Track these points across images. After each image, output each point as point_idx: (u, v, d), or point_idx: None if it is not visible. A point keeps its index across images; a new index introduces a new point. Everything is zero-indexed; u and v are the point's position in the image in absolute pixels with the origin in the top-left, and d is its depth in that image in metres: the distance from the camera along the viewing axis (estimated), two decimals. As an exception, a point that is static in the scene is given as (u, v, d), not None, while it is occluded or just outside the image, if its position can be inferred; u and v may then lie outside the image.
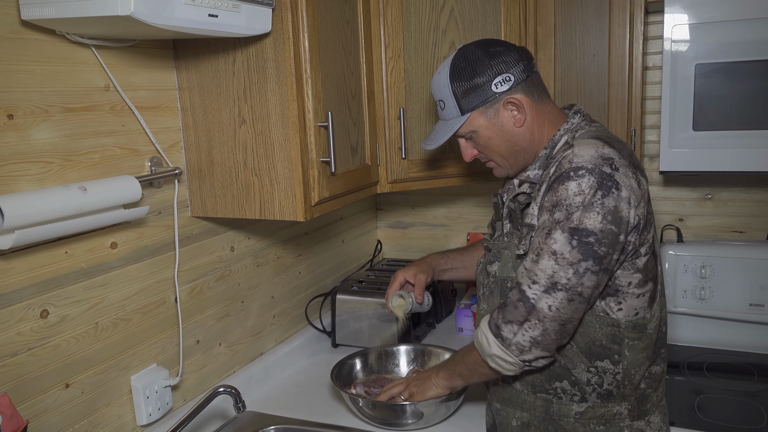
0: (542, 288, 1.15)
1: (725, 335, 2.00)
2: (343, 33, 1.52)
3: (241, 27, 1.23)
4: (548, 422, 1.29)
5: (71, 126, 1.24)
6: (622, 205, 1.13)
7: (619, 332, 1.22)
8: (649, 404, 1.28)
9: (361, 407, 1.53)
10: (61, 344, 1.24)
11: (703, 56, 1.69)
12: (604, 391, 1.25)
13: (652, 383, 1.28)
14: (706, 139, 1.72)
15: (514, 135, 1.29)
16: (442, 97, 1.31)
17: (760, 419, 1.58)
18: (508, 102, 1.27)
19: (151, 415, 1.42)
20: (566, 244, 1.13)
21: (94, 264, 1.30)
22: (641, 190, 1.17)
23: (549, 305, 1.15)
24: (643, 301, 1.23)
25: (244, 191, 1.46)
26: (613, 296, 1.21)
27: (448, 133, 1.32)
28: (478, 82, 1.26)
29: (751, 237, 2.05)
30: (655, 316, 1.25)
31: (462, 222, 2.42)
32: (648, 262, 1.21)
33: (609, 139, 1.21)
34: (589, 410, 1.26)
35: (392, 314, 1.62)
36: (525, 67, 1.27)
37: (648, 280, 1.22)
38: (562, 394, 1.27)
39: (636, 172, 1.18)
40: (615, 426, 1.26)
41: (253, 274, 1.79)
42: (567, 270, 1.13)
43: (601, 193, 1.12)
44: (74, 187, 1.14)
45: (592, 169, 1.13)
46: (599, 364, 1.24)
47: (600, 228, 1.12)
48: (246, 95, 1.41)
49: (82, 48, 1.25)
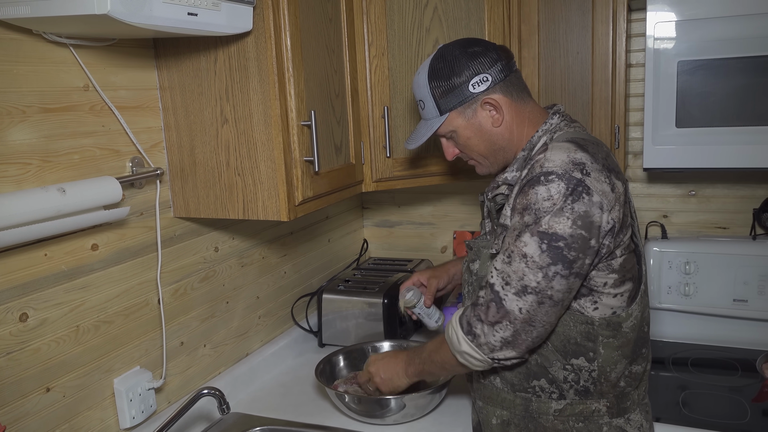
0: (513, 290, 1.15)
1: (709, 331, 2.01)
2: (326, 31, 1.52)
3: (222, 26, 1.22)
4: (528, 420, 1.29)
5: (50, 126, 1.22)
6: (593, 210, 1.13)
7: (593, 330, 1.22)
8: (629, 402, 1.28)
9: (347, 402, 1.53)
10: (41, 348, 1.22)
11: (685, 53, 1.70)
12: (581, 388, 1.25)
13: (632, 382, 1.28)
14: (690, 136, 1.73)
15: (493, 135, 1.29)
16: (421, 97, 1.32)
17: (744, 414, 1.59)
18: (486, 102, 1.27)
19: (134, 418, 1.40)
20: (536, 248, 1.13)
21: (74, 266, 1.28)
22: (615, 194, 1.17)
23: (520, 308, 1.15)
24: (621, 301, 1.23)
25: (227, 191, 1.45)
26: (588, 296, 1.21)
27: (428, 132, 1.33)
28: (455, 82, 1.26)
29: (735, 233, 2.07)
30: (632, 316, 1.24)
31: (448, 220, 2.42)
32: (625, 262, 1.21)
33: (584, 143, 1.20)
34: (567, 407, 1.26)
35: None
36: (503, 66, 1.27)
37: (626, 280, 1.22)
38: (540, 392, 1.27)
39: (610, 176, 1.17)
40: (594, 423, 1.26)
41: (238, 275, 1.78)
42: (536, 273, 1.13)
43: (572, 198, 1.12)
44: (53, 188, 1.13)
45: (562, 174, 1.13)
46: (574, 361, 1.24)
47: (570, 233, 1.12)
48: (228, 94, 1.40)
49: (60, 47, 1.23)
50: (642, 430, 1.30)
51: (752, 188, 2.02)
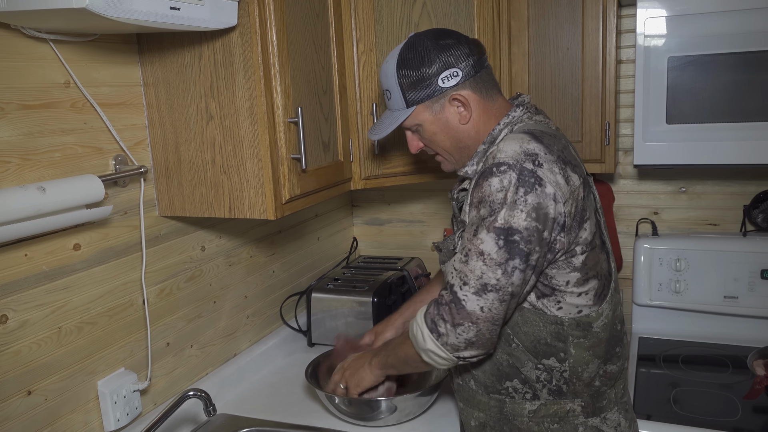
0: (472, 289, 1.12)
1: (700, 328, 2.01)
2: (313, 27, 1.49)
3: (205, 20, 1.19)
4: (503, 422, 1.27)
5: (29, 124, 1.19)
6: (546, 202, 1.11)
7: (563, 330, 1.20)
8: (605, 401, 1.26)
9: (338, 404, 1.51)
10: (21, 350, 1.19)
11: (675, 49, 1.69)
12: (554, 388, 1.23)
13: (607, 381, 1.26)
14: (680, 133, 1.72)
15: (459, 132, 1.26)
16: (388, 86, 1.28)
17: (735, 411, 1.58)
18: (454, 98, 1.24)
19: (119, 421, 1.38)
20: (493, 245, 1.11)
21: (56, 266, 1.25)
22: (570, 187, 1.14)
23: (481, 307, 1.12)
24: (586, 300, 1.20)
25: (213, 189, 1.43)
26: (551, 296, 1.19)
27: (393, 124, 1.28)
28: (425, 74, 1.22)
29: (725, 229, 2.06)
30: (603, 315, 1.22)
31: (439, 218, 2.40)
32: (587, 260, 1.18)
33: (540, 134, 1.18)
34: (542, 408, 1.24)
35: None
36: (475, 62, 1.23)
37: (590, 278, 1.19)
38: (514, 393, 1.25)
39: (565, 168, 1.15)
40: (569, 423, 1.24)
41: (225, 274, 1.75)
42: (495, 271, 1.11)
43: (524, 190, 1.10)
44: (32, 187, 1.10)
45: (514, 164, 1.11)
46: (545, 362, 1.22)
47: (525, 226, 1.10)
48: (213, 91, 1.37)
49: (40, 43, 1.21)
50: (620, 429, 1.27)
51: (742, 184, 2.02)
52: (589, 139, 1.81)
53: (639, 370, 1.82)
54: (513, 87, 1.86)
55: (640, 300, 2.03)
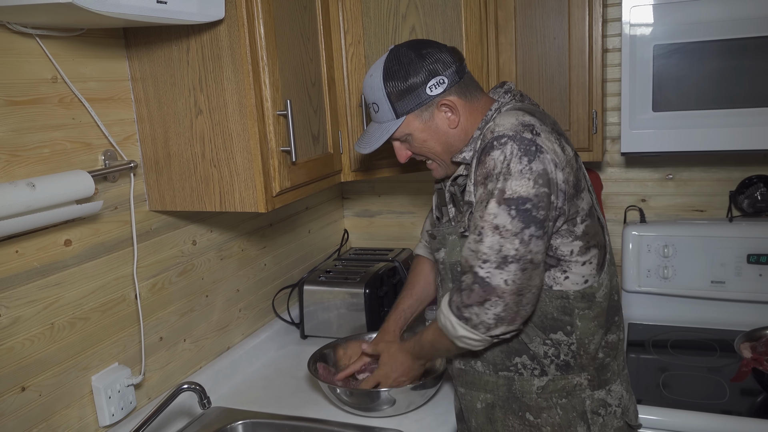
0: (494, 265, 1.15)
1: (688, 313, 2.03)
2: (301, 19, 1.49)
3: (193, 14, 1.19)
4: (512, 400, 1.30)
5: (17, 120, 1.19)
6: (549, 167, 1.15)
7: (569, 303, 1.24)
8: (609, 373, 1.30)
9: (339, 394, 1.52)
10: (14, 347, 1.19)
11: (660, 37, 1.70)
12: (561, 363, 1.27)
13: (610, 352, 1.31)
14: (666, 120, 1.74)
15: (449, 136, 1.30)
16: (375, 100, 1.30)
17: (723, 393, 1.61)
18: (443, 104, 1.27)
19: (114, 415, 1.38)
20: (506, 216, 1.14)
21: (47, 262, 1.25)
22: (566, 156, 1.20)
23: (505, 280, 1.15)
24: (590, 269, 1.25)
25: (203, 183, 1.43)
26: (557, 267, 1.23)
27: (384, 136, 1.31)
28: (412, 84, 1.26)
29: (712, 215, 2.09)
30: (603, 284, 1.27)
31: (429, 208, 2.41)
32: (588, 228, 1.23)
33: (531, 110, 1.23)
34: (550, 383, 1.28)
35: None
36: (457, 68, 1.28)
37: (591, 247, 1.24)
38: (522, 369, 1.29)
39: (560, 138, 1.21)
40: (576, 397, 1.28)
41: (217, 268, 1.76)
42: (513, 241, 1.14)
43: (527, 158, 1.14)
44: (21, 183, 1.10)
45: (514, 135, 1.16)
46: (553, 336, 1.26)
47: (534, 193, 1.14)
48: (202, 84, 1.37)
49: (26, 38, 1.20)
50: (622, 401, 1.32)
51: (728, 171, 2.04)
52: (577, 127, 1.83)
53: (629, 356, 1.84)
54: (500, 77, 1.87)
55: (628, 286, 2.06)
